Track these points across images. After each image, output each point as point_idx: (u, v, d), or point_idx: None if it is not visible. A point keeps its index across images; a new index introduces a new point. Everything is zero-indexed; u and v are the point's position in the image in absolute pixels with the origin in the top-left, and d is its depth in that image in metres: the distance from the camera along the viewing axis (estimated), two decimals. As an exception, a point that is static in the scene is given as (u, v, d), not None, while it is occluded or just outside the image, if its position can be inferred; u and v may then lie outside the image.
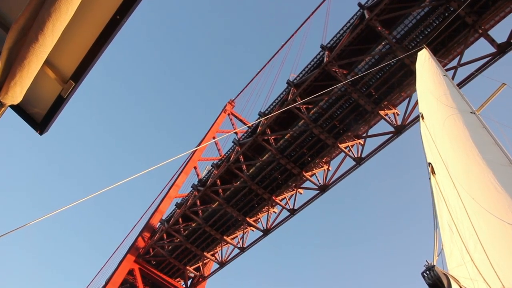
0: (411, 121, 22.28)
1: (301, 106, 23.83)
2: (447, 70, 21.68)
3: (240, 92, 41.31)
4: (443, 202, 6.31)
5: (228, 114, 40.62)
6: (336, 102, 24.44)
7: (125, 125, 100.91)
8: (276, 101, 26.08)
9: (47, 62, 3.28)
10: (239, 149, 27.39)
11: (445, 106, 9.54)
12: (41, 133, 3.63)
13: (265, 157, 27.08)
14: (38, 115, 3.62)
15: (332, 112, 24.62)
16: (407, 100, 23.32)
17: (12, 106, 3.45)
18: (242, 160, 27.26)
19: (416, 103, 22.27)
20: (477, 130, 8.78)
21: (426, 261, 5.48)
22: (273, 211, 30.23)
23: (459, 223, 6.06)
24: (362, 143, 24.77)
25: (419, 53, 13.06)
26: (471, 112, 9.31)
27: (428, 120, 8.84)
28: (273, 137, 25.79)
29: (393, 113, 23.56)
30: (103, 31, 3.27)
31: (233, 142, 27.81)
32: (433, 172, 6.88)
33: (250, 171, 28.15)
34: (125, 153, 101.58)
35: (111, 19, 3.25)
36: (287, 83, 24.50)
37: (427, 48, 13.61)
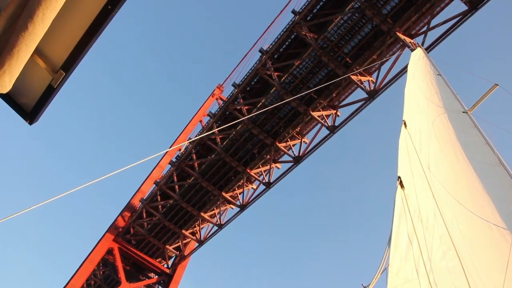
0: (385, 84, 22.53)
1: (272, 74, 23.96)
2: (418, 35, 22.03)
3: (228, 76, 40.50)
4: (409, 214, 6.49)
5: (216, 99, 40.30)
6: (307, 67, 24.72)
7: (110, 111, 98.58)
8: (249, 71, 26.08)
9: (37, 51, 3.33)
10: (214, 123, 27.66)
11: (436, 106, 9.62)
12: (30, 123, 3.69)
13: (238, 128, 27.30)
14: (28, 105, 3.67)
15: (302, 77, 24.92)
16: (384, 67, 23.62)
17: (1, 95, 3.49)
18: (216, 132, 27.43)
19: (390, 68, 22.66)
20: (468, 130, 8.84)
21: (362, 284, 5.83)
22: (252, 187, 30.82)
23: (427, 233, 6.25)
24: (335, 112, 25.21)
25: (412, 53, 13.10)
26: (463, 112, 9.43)
27: (413, 125, 8.84)
28: (246, 107, 25.96)
29: (368, 80, 23.87)
30: (94, 21, 3.33)
31: (208, 115, 27.90)
32: (401, 185, 7.00)
33: (224, 143, 28.40)
34: (112, 139, 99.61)
35: (102, 9, 3.31)
36: (260, 51, 24.50)
37: (421, 47, 13.75)
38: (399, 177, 7.22)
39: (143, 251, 35.91)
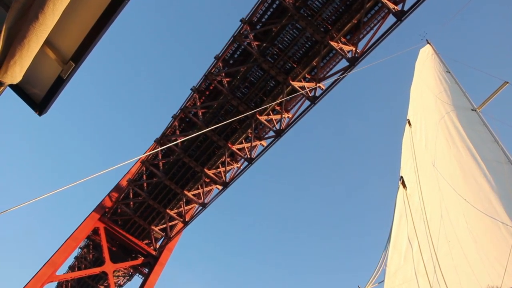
0: (366, 51, 22.34)
1: (252, 42, 23.93)
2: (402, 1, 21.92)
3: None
4: (410, 215, 6.54)
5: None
6: (285, 35, 24.75)
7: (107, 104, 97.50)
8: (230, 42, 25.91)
9: (48, 43, 3.41)
10: (196, 97, 27.64)
11: (444, 103, 9.57)
12: (40, 114, 3.78)
13: (220, 99, 27.30)
14: (38, 96, 3.75)
15: (284, 46, 24.99)
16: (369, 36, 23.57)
17: (11, 86, 3.56)
18: (198, 104, 27.45)
19: (373, 35, 22.67)
20: (476, 127, 8.92)
21: (358, 286, 6.03)
22: (236, 166, 31.14)
23: (431, 232, 6.36)
24: (315, 84, 25.22)
25: (421, 50, 12.97)
26: (472, 109, 9.49)
27: (419, 123, 8.70)
28: (227, 79, 25.92)
29: (351, 50, 23.82)
30: (105, 12, 3.41)
31: (191, 89, 27.66)
32: (404, 185, 7.03)
33: (205, 117, 28.48)
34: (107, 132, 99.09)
35: (112, 0, 3.40)
36: (240, 20, 24.32)
37: (430, 43, 13.66)
38: (401, 177, 7.23)
39: (129, 232, 36.20)
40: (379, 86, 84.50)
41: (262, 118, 27.29)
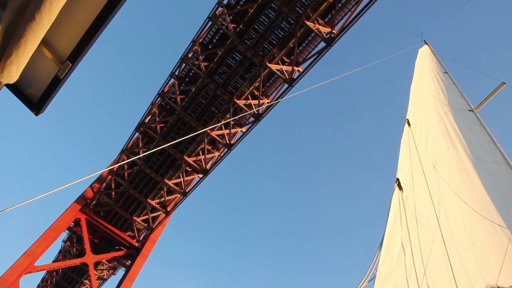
0: (345, 28, 22.07)
1: (229, 25, 23.87)
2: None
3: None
4: (405, 218, 6.50)
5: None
6: (261, 16, 24.69)
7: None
8: (205, 23, 25.68)
9: (44, 42, 3.43)
10: (176, 83, 27.44)
11: (442, 104, 9.62)
12: (37, 114, 3.79)
13: (198, 83, 27.19)
14: (34, 96, 3.77)
15: (256, 24, 24.89)
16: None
17: (8, 86, 3.57)
18: (177, 89, 27.27)
19: (351, 15, 22.70)
20: (474, 128, 8.98)
21: None
22: (217, 154, 31.13)
23: (426, 235, 6.46)
24: (293, 67, 25.15)
25: (419, 50, 12.87)
26: (469, 110, 9.54)
27: (419, 123, 8.65)
28: (204, 63, 25.79)
29: (329, 32, 23.73)
30: (101, 12, 3.44)
31: (171, 75, 27.43)
32: (400, 187, 6.94)
33: (183, 103, 28.36)
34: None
35: (109, 0, 3.43)
36: (217, 3, 24.08)
37: (428, 44, 13.69)
38: (397, 179, 7.15)
39: (112, 223, 36.03)
40: (379, 87, 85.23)
41: (240, 102, 27.21)
